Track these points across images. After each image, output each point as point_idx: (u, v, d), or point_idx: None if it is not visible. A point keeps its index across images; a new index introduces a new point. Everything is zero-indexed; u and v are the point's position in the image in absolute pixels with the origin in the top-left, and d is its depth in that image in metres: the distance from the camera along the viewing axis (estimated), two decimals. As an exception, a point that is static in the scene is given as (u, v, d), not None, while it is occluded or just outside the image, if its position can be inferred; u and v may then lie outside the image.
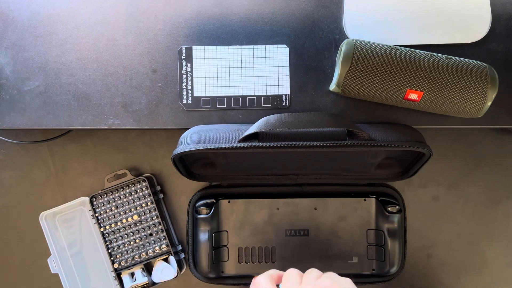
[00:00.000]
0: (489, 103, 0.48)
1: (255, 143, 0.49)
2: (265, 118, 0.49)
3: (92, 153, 0.63)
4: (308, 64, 0.54)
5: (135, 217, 0.61)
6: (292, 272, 0.45)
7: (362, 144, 0.49)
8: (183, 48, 0.54)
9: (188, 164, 0.57)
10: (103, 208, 0.61)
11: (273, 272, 0.47)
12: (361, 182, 0.61)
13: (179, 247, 0.62)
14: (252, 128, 0.49)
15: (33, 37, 0.54)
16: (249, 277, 0.58)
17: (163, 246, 0.61)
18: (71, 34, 0.54)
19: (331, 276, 0.44)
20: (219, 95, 0.54)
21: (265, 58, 0.54)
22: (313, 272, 0.44)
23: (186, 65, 0.54)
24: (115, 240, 0.61)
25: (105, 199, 0.61)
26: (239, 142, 0.50)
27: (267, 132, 0.50)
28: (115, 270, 0.61)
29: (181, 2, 0.54)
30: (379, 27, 0.53)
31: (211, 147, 0.49)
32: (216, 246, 0.59)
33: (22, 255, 0.63)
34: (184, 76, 0.54)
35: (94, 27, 0.54)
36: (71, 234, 0.63)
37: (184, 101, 0.54)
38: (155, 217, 0.61)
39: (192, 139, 0.51)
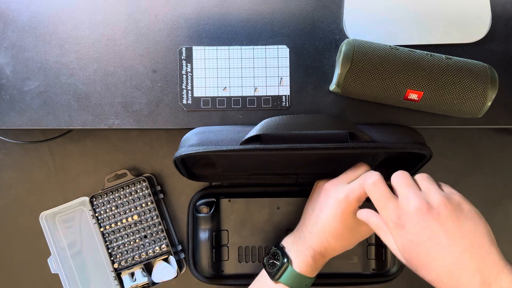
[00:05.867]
0: (489, 103, 0.48)
1: (257, 146, 0.49)
2: (266, 120, 0.49)
3: (92, 153, 0.63)
4: (308, 64, 0.54)
5: (135, 217, 0.61)
6: (406, 176, 0.45)
7: (363, 146, 0.49)
8: (183, 49, 0.54)
9: (189, 165, 0.57)
10: (103, 208, 0.61)
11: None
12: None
13: (179, 247, 0.62)
14: (254, 131, 0.49)
15: (33, 37, 0.54)
16: (249, 277, 0.58)
17: (163, 246, 0.61)
18: (71, 34, 0.54)
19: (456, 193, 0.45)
20: (219, 95, 0.54)
21: (265, 59, 0.54)
22: (431, 180, 0.45)
23: (186, 66, 0.54)
24: (115, 240, 0.61)
25: (105, 199, 0.61)
26: (241, 144, 0.49)
27: (269, 134, 0.50)
28: (115, 270, 0.61)
29: (181, 2, 0.54)
30: (379, 27, 0.53)
31: (213, 149, 0.49)
32: (217, 245, 0.59)
33: (22, 255, 0.63)
34: (184, 76, 0.54)
35: (94, 27, 0.54)
36: (71, 234, 0.63)
37: (184, 102, 0.54)
38: (155, 217, 0.61)
39: (194, 141, 0.51)
